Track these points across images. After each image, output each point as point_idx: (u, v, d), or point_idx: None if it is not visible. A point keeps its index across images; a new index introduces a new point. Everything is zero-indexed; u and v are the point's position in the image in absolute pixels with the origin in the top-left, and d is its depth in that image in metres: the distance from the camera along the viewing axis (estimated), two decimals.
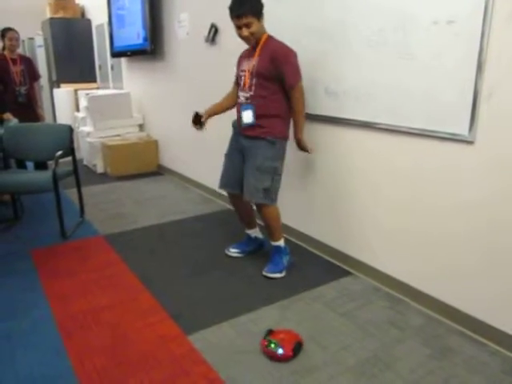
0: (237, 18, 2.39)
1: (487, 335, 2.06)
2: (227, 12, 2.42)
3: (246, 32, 2.42)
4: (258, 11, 2.41)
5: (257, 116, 2.51)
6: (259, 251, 2.97)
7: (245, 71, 2.55)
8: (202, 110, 2.70)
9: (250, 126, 2.53)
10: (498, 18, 1.82)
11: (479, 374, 1.84)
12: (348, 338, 2.09)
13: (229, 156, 2.76)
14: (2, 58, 4.35)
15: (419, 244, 2.32)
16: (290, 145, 2.64)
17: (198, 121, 2.71)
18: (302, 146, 2.65)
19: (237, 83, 2.70)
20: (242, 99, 2.57)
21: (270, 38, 2.51)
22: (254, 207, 2.73)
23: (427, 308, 2.32)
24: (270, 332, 2.02)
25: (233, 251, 2.96)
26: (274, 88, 2.48)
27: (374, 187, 2.54)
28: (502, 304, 1.99)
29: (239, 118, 2.61)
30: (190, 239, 3.27)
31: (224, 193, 3.26)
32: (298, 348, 1.97)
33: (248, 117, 2.53)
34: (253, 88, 2.50)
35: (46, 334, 2.11)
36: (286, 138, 2.60)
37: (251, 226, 2.94)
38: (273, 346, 1.94)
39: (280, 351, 1.92)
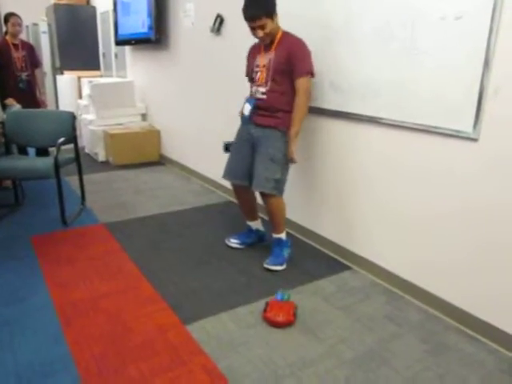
0: (250, 20, 2.38)
1: (486, 334, 2.06)
2: (233, 2, 2.40)
3: (260, 33, 2.42)
4: (271, 12, 2.39)
5: (271, 109, 2.52)
6: (259, 244, 2.97)
7: (259, 66, 2.56)
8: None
9: (263, 116, 2.54)
10: (507, 15, 1.80)
11: (476, 372, 1.85)
12: (345, 331, 2.10)
13: (237, 147, 2.75)
14: (4, 43, 4.33)
15: (420, 240, 2.32)
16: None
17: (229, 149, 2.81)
18: (289, 145, 2.52)
19: (250, 78, 2.69)
20: (254, 92, 2.59)
21: (285, 33, 2.50)
22: (258, 199, 2.73)
23: (426, 304, 2.32)
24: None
25: (233, 241, 2.96)
26: (288, 84, 2.48)
27: (376, 182, 2.53)
28: (502, 303, 1.99)
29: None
30: (191, 230, 3.27)
31: (225, 184, 3.25)
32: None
33: (247, 110, 2.59)
34: (269, 83, 2.50)
35: (44, 321, 2.12)
36: None
37: (253, 218, 2.94)
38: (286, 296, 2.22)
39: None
